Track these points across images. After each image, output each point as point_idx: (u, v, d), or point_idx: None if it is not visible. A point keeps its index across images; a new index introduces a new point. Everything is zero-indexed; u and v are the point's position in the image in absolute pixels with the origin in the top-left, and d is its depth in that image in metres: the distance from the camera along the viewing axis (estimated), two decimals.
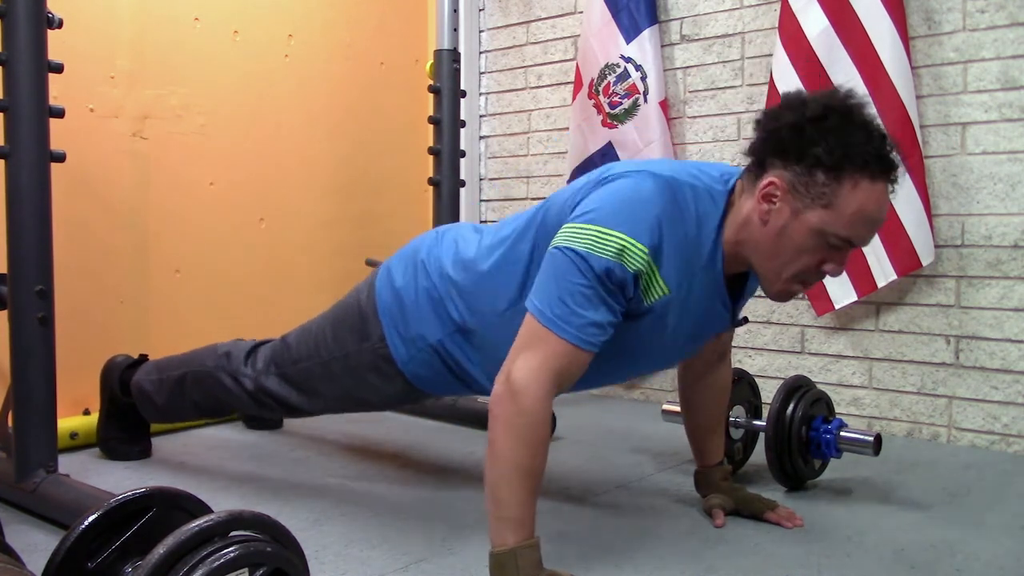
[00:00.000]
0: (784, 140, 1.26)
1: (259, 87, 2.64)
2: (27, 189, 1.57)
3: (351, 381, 1.65)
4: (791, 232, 1.26)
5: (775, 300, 1.36)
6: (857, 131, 1.24)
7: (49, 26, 1.59)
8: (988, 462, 2.08)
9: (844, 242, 1.26)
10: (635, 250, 1.24)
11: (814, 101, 1.26)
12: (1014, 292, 2.16)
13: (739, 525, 1.60)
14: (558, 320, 1.23)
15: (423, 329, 1.54)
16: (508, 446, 1.22)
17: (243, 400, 1.79)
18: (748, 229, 1.30)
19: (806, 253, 1.27)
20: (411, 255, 1.61)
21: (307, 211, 2.80)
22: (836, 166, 1.22)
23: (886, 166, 1.26)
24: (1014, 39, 2.15)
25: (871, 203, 1.24)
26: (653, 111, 2.64)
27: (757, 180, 1.29)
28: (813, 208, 1.24)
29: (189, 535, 0.90)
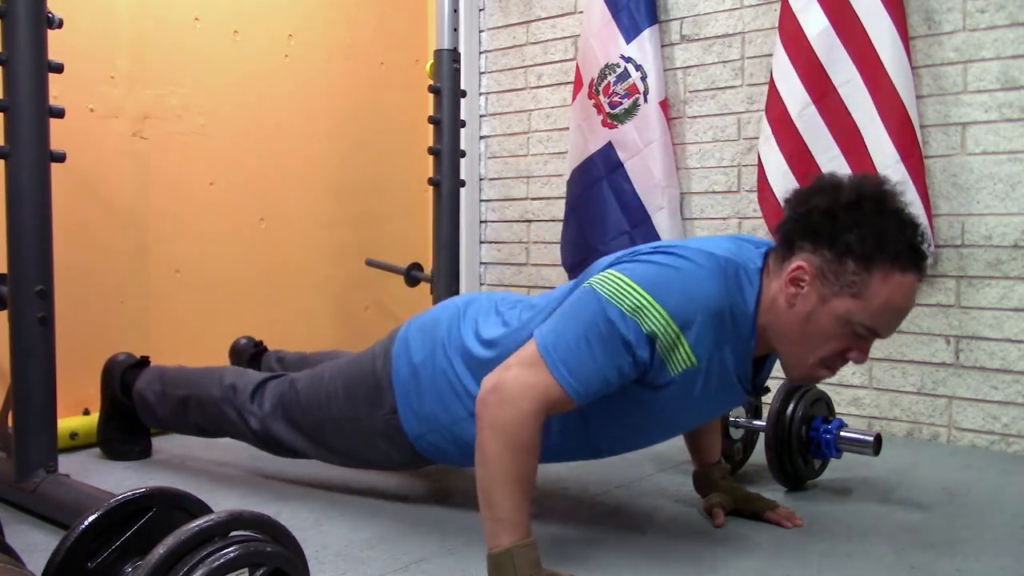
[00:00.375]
0: (815, 224, 1.23)
1: (259, 87, 2.64)
2: (27, 189, 1.57)
3: (360, 442, 1.63)
4: (817, 318, 1.23)
5: (797, 382, 1.34)
6: (890, 220, 1.21)
7: (49, 26, 1.59)
8: (988, 462, 2.07)
9: (870, 332, 1.24)
10: (653, 311, 1.22)
11: (848, 187, 1.24)
12: (1014, 292, 2.16)
13: (739, 525, 1.60)
14: (557, 360, 1.23)
15: (438, 409, 1.50)
16: (497, 451, 1.22)
17: (248, 437, 1.78)
18: (774, 312, 1.27)
19: (832, 340, 1.24)
20: (430, 329, 1.56)
21: (307, 211, 2.80)
22: (868, 256, 1.20)
23: (918, 258, 1.22)
24: (1014, 39, 2.15)
25: (900, 295, 1.21)
26: (653, 111, 2.64)
27: (784, 262, 1.26)
28: (841, 296, 1.21)
29: (189, 535, 0.90)
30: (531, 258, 3.12)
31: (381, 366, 1.58)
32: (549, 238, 3.04)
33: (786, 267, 1.26)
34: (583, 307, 1.27)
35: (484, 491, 1.24)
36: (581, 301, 1.28)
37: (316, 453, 1.71)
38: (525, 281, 3.13)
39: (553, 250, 3.00)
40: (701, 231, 2.68)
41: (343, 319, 2.94)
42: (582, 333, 1.24)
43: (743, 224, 2.60)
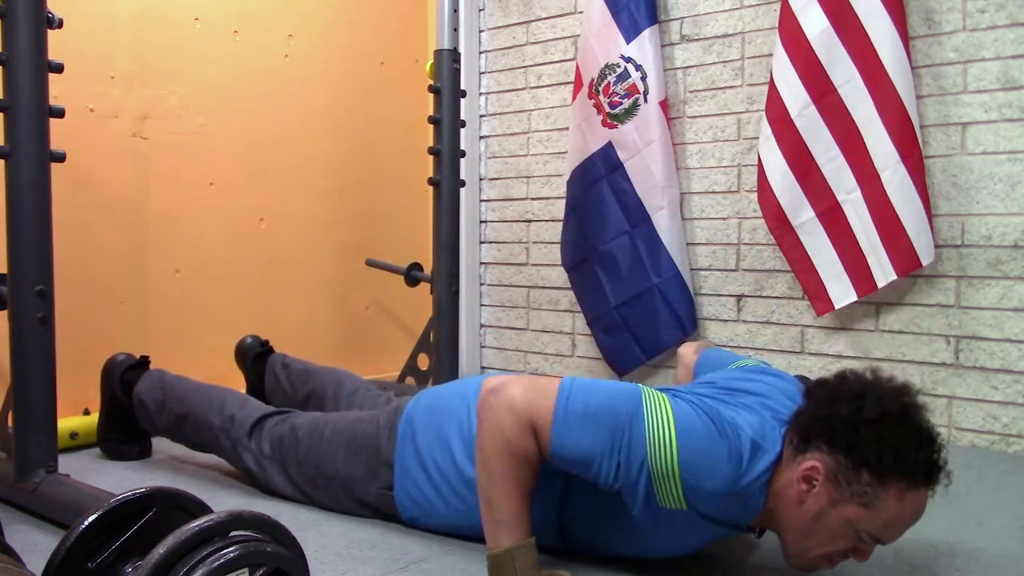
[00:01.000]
0: (835, 431, 1.22)
1: (259, 87, 2.64)
2: (27, 189, 1.57)
3: (349, 502, 1.63)
4: (825, 519, 1.22)
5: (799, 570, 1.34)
6: (910, 439, 1.20)
7: (49, 26, 1.59)
8: (988, 462, 2.07)
9: (874, 540, 1.24)
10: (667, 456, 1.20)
11: (872, 399, 1.22)
12: (1014, 292, 2.16)
13: None
14: (567, 411, 1.22)
15: (437, 501, 1.49)
16: (497, 453, 1.22)
17: (240, 468, 1.79)
18: (782, 501, 1.26)
19: (836, 540, 1.24)
20: (437, 417, 1.53)
21: (307, 211, 2.80)
22: (884, 473, 1.19)
23: (932, 476, 1.22)
24: (1014, 39, 2.15)
25: (910, 511, 1.22)
26: (653, 111, 2.64)
27: (798, 455, 1.25)
28: (851, 503, 1.20)
29: (189, 535, 0.90)
30: (531, 258, 3.12)
31: (385, 440, 1.57)
32: (549, 238, 3.04)
33: (800, 462, 1.24)
34: (621, 399, 1.24)
35: (484, 492, 1.25)
36: (625, 393, 1.25)
37: (303, 500, 1.70)
38: (525, 281, 3.13)
39: (553, 250, 3.00)
40: (701, 231, 2.68)
41: (343, 319, 2.94)
42: (602, 413, 1.22)
43: (743, 224, 2.60)
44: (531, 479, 1.24)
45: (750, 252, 2.59)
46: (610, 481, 1.23)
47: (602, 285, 2.76)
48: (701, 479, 1.20)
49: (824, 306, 2.37)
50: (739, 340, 2.61)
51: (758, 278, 2.58)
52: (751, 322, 2.59)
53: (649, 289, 2.66)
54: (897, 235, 2.21)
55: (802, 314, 2.50)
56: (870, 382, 1.25)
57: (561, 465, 1.25)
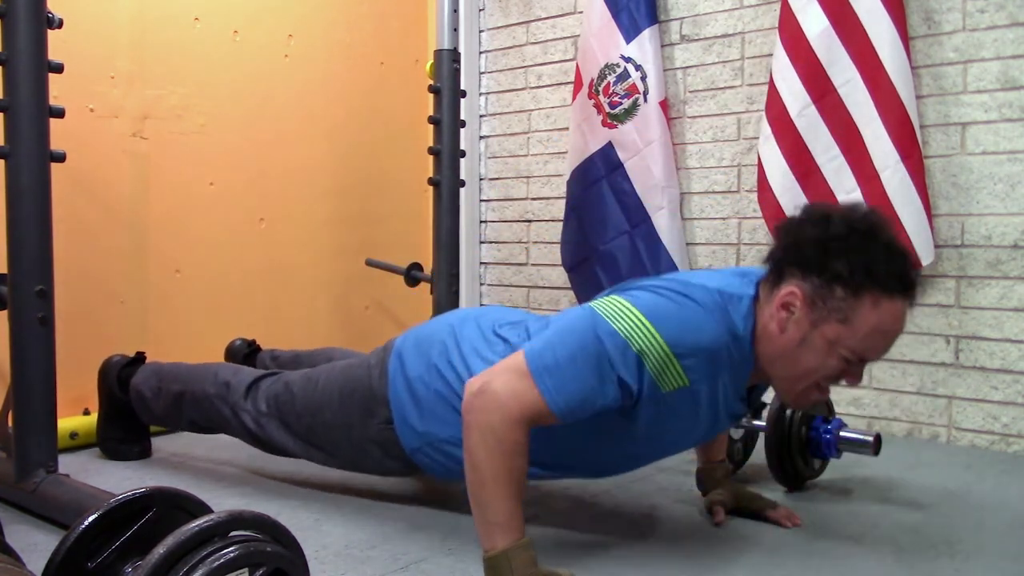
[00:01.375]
0: (805, 254, 1.25)
1: (259, 87, 2.64)
2: (27, 189, 1.57)
3: (351, 448, 1.63)
4: (808, 344, 1.25)
5: (795, 408, 1.35)
6: (879, 249, 1.23)
7: (49, 26, 1.59)
8: (988, 462, 2.07)
9: (857, 357, 1.25)
10: (646, 332, 1.22)
11: (838, 219, 1.25)
12: (1014, 292, 2.16)
13: (739, 524, 1.60)
14: (542, 371, 1.23)
15: (435, 427, 1.50)
16: (485, 454, 1.22)
17: (241, 434, 1.79)
18: (765, 337, 1.28)
19: (822, 365, 1.26)
20: (426, 346, 1.55)
21: (307, 211, 2.80)
22: (856, 283, 1.21)
23: (906, 285, 1.24)
24: (1014, 39, 2.15)
25: (888, 321, 1.23)
26: (653, 111, 2.64)
27: (775, 289, 1.28)
28: (830, 321, 1.23)
29: (189, 535, 0.90)
30: (531, 258, 3.12)
31: (377, 377, 1.58)
32: (549, 238, 3.04)
33: (776, 294, 1.27)
34: (577, 324, 1.27)
35: (475, 494, 1.24)
36: (576, 318, 1.28)
37: (308, 454, 1.71)
38: (525, 281, 3.13)
39: (553, 250, 3.00)
40: (701, 231, 2.68)
41: (343, 319, 2.94)
42: (571, 350, 1.24)
43: (743, 224, 2.60)
44: (522, 476, 1.24)
45: (750, 252, 2.59)
46: (621, 400, 1.24)
47: (602, 285, 2.76)
48: (689, 340, 1.23)
49: None
50: None
51: None
52: None
53: None
54: (897, 235, 2.20)
55: None
56: (834, 206, 1.30)
57: (576, 417, 1.25)
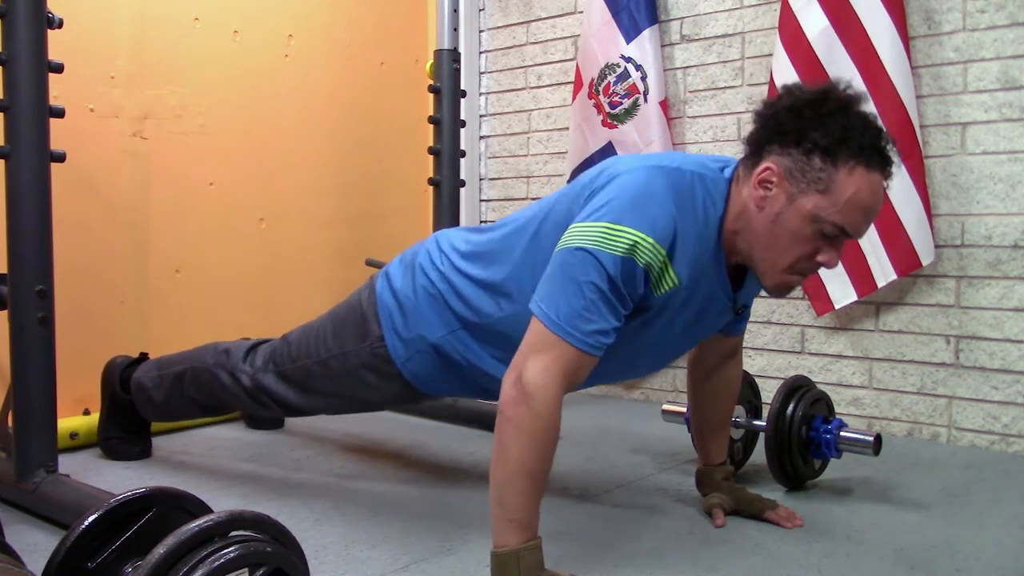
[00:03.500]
0: (782, 124, 1.26)
1: (259, 87, 2.64)
2: (27, 189, 1.57)
3: (348, 380, 1.66)
4: (786, 218, 1.26)
5: (773, 294, 1.36)
6: (855, 119, 1.25)
7: (49, 26, 1.60)
8: (988, 462, 2.08)
9: (838, 230, 1.26)
10: (646, 245, 1.23)
11: (812, 88, 1.28)
12: (1014, 292, 2.16)
13: (739, 525, 1.60)
14: (566, 326, 1.23)
15: (422, 329, 1.55)
16: (519, 449, 1.22)
17: (241, 398, 1.79)
18: (745, 217, 1.30)
19: (801, 241, 1.27)
20: (410, 258, 1.62)
21: (307, 211, 2.80)
22: (833, 150, 1.23)
23: (882, 157, 1.26)
24: (1014, 39, 2.15)
25: (866, 190, 1.24)
26: (653, 111, 2.64)
27: (753, 168, 1.29)
28: (808, 193, 1.24)
29: (189, 535, 0.90)
30: None
31: (366, 299, 1.64)
32: None
33: (754, 172, 1.29)
34: (577, 267, 1.25)
35: (499, 489, 1.24)
36: (572, 263, 1.25)
37: (307, 403, 1.73)
38: None
39: None
40: None
41: None
42: (585, 293, 1.23)
43: None
44: (546, 472, 1.25)
45: None
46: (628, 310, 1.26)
47: None
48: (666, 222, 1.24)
49: (824, 306, 2.37)
50: None
51: None
52: (751, 322, 2.59)
53: None
54: (897, 235, 2.21)
55: (802, 314, 2.50)
56: (809, 83, 1.32)
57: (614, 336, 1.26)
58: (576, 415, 2.55)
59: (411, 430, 2.40)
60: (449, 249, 1.56)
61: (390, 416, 2.54)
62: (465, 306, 1.50)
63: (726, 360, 1.66)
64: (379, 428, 2.41)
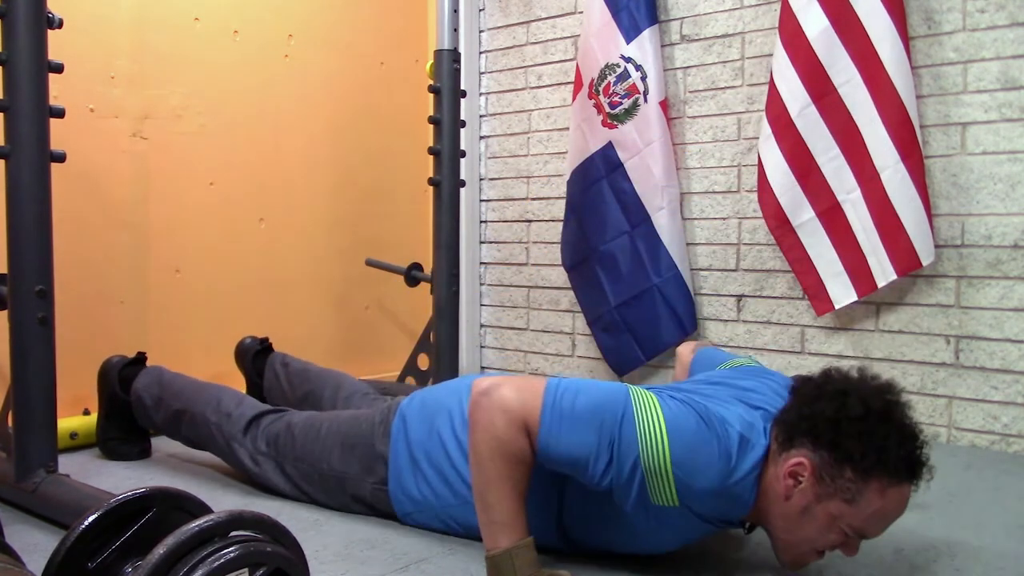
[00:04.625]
0: (819, 429, 1.23)
1: (259, 87, 2.64)
2: (27, 189, 1.57)
3: (345, 499, 1.64)
4: (812, 514, 1.24)
5: (789, 569, 1.34)
6: (893, 436, 1.21)
7: (49, 26, 1.59)
8: (988, 462, 2.07)
9: (858, 535, 1.25)
10: (661, 451, 1.20)
11: (855, 398, 1.23)
12: (1014, 292, 2.16)
13: None
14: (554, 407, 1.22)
15: (429, 494, 1.50)
16: (488, 454, 1.22)
17: (235, 465, 1.79)
18: (770, 496, 1.27)
19: (823, 535, 1.25)
20: (431, 413, 1.54)
21: (307, 211, 2.80)
22: (867, 469, 1.20)
23: (914, 472, 1.23)
24: (1014, 39, 2.15)
25: (892, 506, 1.23)
26: (653, 111, 2.64)
27: (784, 452, 1.26)
28: (835, 499, 1.22)
29: (189, 535, 0.90)
30: (531, 258, 3.12)
31: (380, 436, 1.58)
32: (549, 238, 3.04)
33: (786, 459, 1.25)
34: (611, 394, 1.25)
35: (479, 494, 1.24)
36: (614, 390, 1.26)
37: (297, 496, 1.71)
38: (525, 281, 3.13)
39: (553, 250, 3.00)
40: (701, 231, 2.68)
41: (343, 319, 2.94)
42: (590, 410, 1.22)
43: (743, 224, 2.60)
44: (526, 478, 1.24)
45: (750, 252, 2.59)
46: (599, 481, 1.22)
47: (602, 285, 2.76)
48: (693, 477, 1.21)
49: (824, 306, 2.37)
50: (739, 340, 2.61)
51: (758, 278, 2.58)
52: (751, 322, 2.59)
53: (649, 289, 2.66)
54: (897, 235, 2.21)
55: (802, 314, 2.50)
56: (854, 380, 1.27)
57: (550, 465, 1.25)
58: None
59: None
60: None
61: None
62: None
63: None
64: None
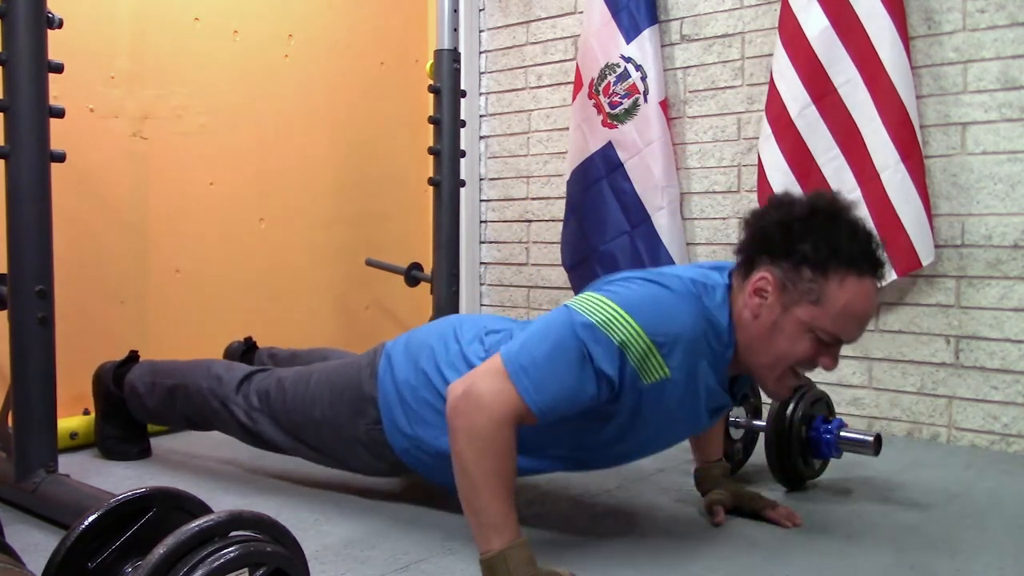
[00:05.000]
0: (771, 238, 1.28)
1: (259, 87, 2.64)
2: (27, 189, 1.57)
3: (340, 447, 1.64)
4: (782, 327, 1.27)
5: (774, 398, 1.37)
6: (843, 229, 1.26)
7: (49, 26, 1.59)
8: (988, 462, 2.07)
9: (833, 338, 1.27)
10: (625, 323, 1.23)
11: (801, 201, 1.29)
12: (1014, 292, 2.16)
13: (739, 524, 1.60)
14: (519, 370, 1.23)
15: (424, 433, 1.50)
16: (473, 457, 1.22)
17: (231, 427, 1.80)
18: (742, 325, 1.30)
19: (798, 348, 1.28)
20: (414, 353, 1.56)
21: (307, 211, 2.80)
22: (822, 263, 1.24)
23: (872, 263, 1.27)
24: (1014, 39, 2.15)
25: (858, 300, 1.25)
26: (653, 111, 2.64)
27: (747, 277, 1.31)
28: (801, 304, 1.25)
29: (189, 535, 0.90)
30: (531, 258, 3.12)
31: (367, 378, 1.59)
32: (549, 238, 3.04)
33: (749, 281, 1.30)
34: (553, 322, 1.27)
35: (467, 498, 1.24)
36: (552, 317, 1.29)
37: (296, 449, 1.73)
38: (525, 281, 3.13)
39: (553, 250, 3.00)
40: (701, 231, 2.68)
41: (343, 319, 2.94)
42: (548, 349, 1.24)
43: (743, 224, 2.60)
44: (513, 474, 1.24)
45: None
46: (603, 394, 1.25)
47: None
48: (668, 328, 1.24)
49: None
50: None
51: None
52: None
53: None
54: (897, 235, 2.21)
55: None
56: (797, 194, 1.34)
57: (557, 415, 1.26)
58: None
59: None
60: (457, 358, 1.49)
61: None
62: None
63: None
64: None
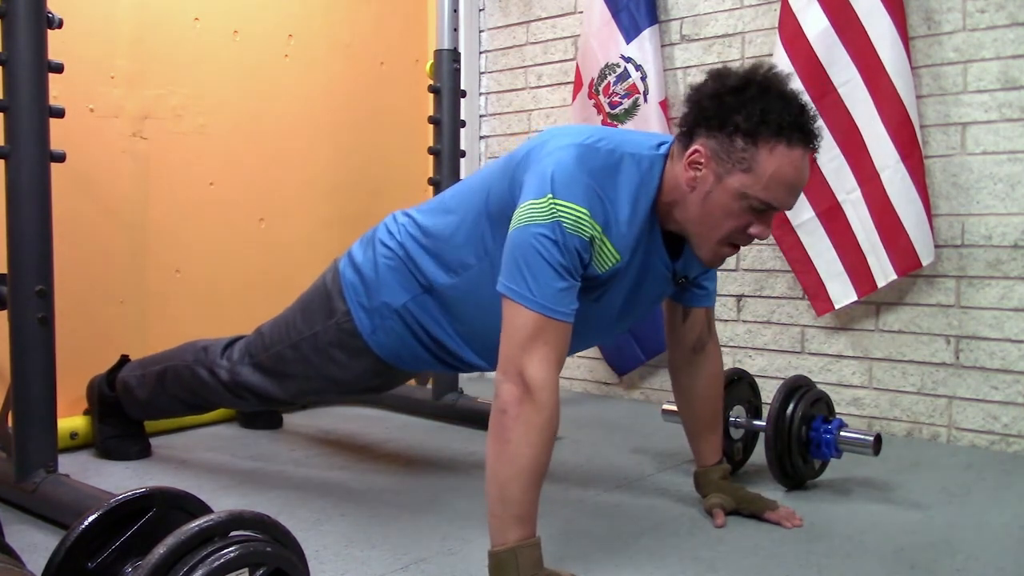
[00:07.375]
0: (706, 109, 1.33)
1: (259, 87, 2.64)
2: (27, 189, 1.57)
3: (319, 359, 1.69)
4: (716, 196, 1.32)
5: (708, 265, 1.43)
6: (774, 100, 1.30)
7: (49, 26, 1.59)
8: (988, 462, 2.08)
9: (765, 205, 1.32)
10: (584, 218, 1.28)
11: (735, 74, 1.35)
12: (1014, 292, 2.16)
13: (739, 525, 1.60)
14: (544, 302, 1.26)
15: (386, 296, 1.59)
16: (526, 445, 1.23)
17: (220, 392, 1.83)
18: (678, 193, 1.36)
19: (731, 217, 1.33)
20: (369, 235, 1.69)
21: (307, 211, 2.80)
22: (753, 131, 1.29)
23: (803, 132, 1.31)
24: (1014, 39, 2.15)
25: (788, 167, 1.30)
26: (653, 111, 2.64)
27: (685, 149, 1.36)
28: (734, 172, 1.30)
29: (189, 535, 0.90)
30: None
31: (331, 279, 1.69)
32: None
33: (685, 153, 1.35)
34: (530, 244, 1.28)
35: (501, 487, 1.24)
36: (525, 241, 1.28)
37: (283, 391, 1.76)
38: None
39: None
40: None
41: None
42: (547, 266, 1.26)
43: None
44: (547, 467, 1.26)
45: (750, 252, 2.59)
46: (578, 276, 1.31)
47: None
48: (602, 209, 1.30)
49: (824, 306, 2.37)
50: (739, 340, 2.61)
51: (758, 278, 2.58)
52: (751, 322, 2.59)
53: None
54: (897, 235, 2.21)
55: (802, 314, 2.50)
56: (734, 67, 1.39)
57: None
58: (576, 415, 2.55)
59: (411, 430, 2.40)
60: (405, 221, 1.63)
61: (390, 416, 2.54)
62: (423, 273, 1.55)
63: (695, 353, 1.67)
64: (379, 428, 2.41)
